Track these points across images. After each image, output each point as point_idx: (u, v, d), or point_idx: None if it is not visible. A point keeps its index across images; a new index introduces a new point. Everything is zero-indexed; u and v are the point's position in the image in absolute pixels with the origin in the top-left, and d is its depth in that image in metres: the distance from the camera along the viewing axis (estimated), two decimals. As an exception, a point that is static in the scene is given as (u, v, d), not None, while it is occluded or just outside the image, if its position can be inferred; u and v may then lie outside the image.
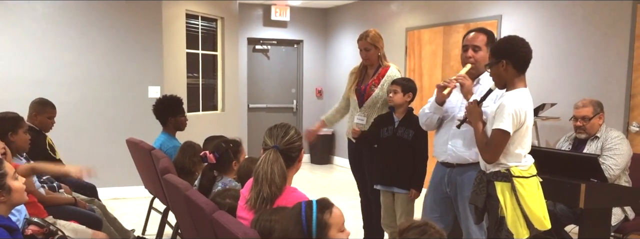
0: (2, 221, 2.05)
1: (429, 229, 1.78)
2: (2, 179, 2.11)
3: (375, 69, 4.08)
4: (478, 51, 3.16)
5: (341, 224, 1.87)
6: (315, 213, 1.83)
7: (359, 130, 3.86)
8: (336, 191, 6.65)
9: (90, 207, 3.76)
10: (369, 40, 3.98)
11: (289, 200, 2.09)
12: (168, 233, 4.20)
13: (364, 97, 4.05)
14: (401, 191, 3.72)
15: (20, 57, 5.62)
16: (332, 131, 8.83)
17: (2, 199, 2.10)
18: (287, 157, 2.23)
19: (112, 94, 5.98)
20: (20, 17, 5.58)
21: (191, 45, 6.86)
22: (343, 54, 8.56)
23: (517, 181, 2.65)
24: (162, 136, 4.36)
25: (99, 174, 3.30)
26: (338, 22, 8.73)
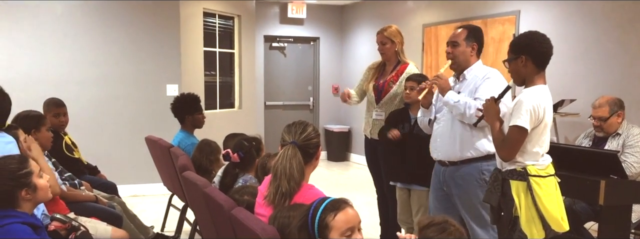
0: (27, 219, 2.09)
1: (448, 227, 1.77)
2: (28, 177, 2.15)
3: (393, 65, 4.08)
4: (456, 47, 3.19)
5: (346, 230, 1.82)
6: (319, 213, 1.83)
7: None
8: (353, 188, 6.66)
9: (111, 204, 3.81)
10: (385, 34, 4.00)
11: (307, 197, 2.10)
12: (187, 230, 4.24)
13: (382, 93, 4.06)
14: (418, 188, 3.72)
15: (41, 56, 5.70)
16: (348, 128, 8.83)
17: (28, 197, 2.14)
18: (305, 154, 2.24)
19: (131, 93, 6.05)
20: (40, 18, 5.65)
21: (208, 44, 6.90)
22: (359, 51, 8.55)
23: (533, 180, 2.61)
24: (181, 134, 4.40)
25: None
26: (354, 19, 8.72)
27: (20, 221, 2.05)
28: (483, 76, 3.13)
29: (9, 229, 2.01)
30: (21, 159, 2.21)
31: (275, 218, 1.99)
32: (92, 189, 4.00)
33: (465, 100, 3.07)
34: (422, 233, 1.77)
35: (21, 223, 2.05)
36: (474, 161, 3.13)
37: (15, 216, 2.07)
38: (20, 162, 2.17)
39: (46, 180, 2.26)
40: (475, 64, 3.21)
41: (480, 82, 3.11)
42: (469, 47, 3.16)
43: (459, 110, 3.07)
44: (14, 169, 2.13)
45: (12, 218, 2.05)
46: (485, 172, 3.10)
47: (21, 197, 2.14)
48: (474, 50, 3.19)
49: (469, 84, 3.16)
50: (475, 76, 3.16)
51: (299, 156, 2.20)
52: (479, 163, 3.12)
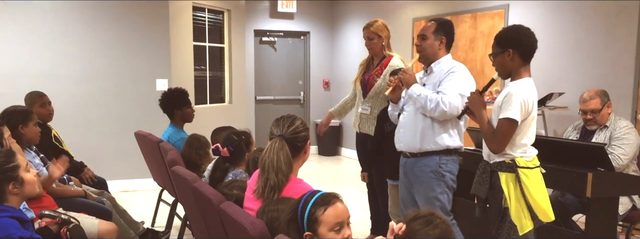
0: (15, 213, 2.09)
1: (434, 219, 1.78)
2: (15, 171, 2.14)
3: (379, 59, 4.10)
4: (425, 39, 3.21)
5: (335, 224, 1.82)
6: (310, 206, 1.83)
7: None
8: (344, 182, 6.67)
9: (100, 199, 3.80)
10: (372, 29, 4.02)
11: (295, 191, 2.10)
12: (177, 225, 4.24)
13: (367, 87, 4.08)
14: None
15: (27, 52, 5.64)
16: (339, 123, 8.84)
17: (15, 190, 2.14)
18: (293, 147, 2.25)
19: (120, 88, 6.01)
20: (27, 13, 5.60)
21: (198, 38, 6.87)
22: (350, 46, 8.55)
23: (522, 172, 2.65)
24: (170, 129, 4.39)
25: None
26: (345, 13, 8.71)
27: (8, 215, 2.05)
28: (448, 70, 3.16)
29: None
30: (8, 153, 2.21)
31: (263, 211, 1.99)
32: (81, 184, 3.99)
33: (427, 93, 3.11)
34: (408, 226, 1.78)
35: (9, 217, 2.04)
36: (432, 154, 3.17)
37: (3, 210, 2.07)
38: (7, 156, 2.17)
39: (33, 174, 2.25)
40: (443, 57, 3.23)
41: (444, 76, 3.14)
42: (437, 40, 3.19)
43: (420, 103, 3.12)
44: (1, 162, 2.13)
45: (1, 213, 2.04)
46: (442, 165, 3.16)
47: (8, 191, 2.14)
48: (442, 44, 3.21)
49: (434, 77, 3.20)
50: (441, 69, 3.19)
51: (287, 149, 2.21)
52: (438, 156, 3.17)
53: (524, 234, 2.64)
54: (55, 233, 2.53)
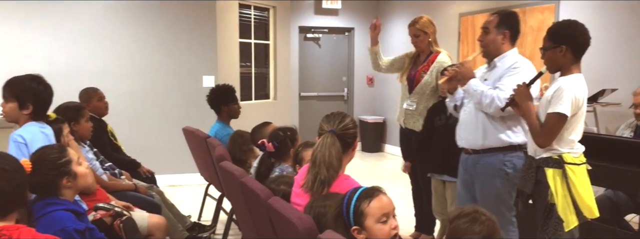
0: (70, 206, 2.16)
1: (479, 217, 1.76)
2: (68, 165, 2.21)
3: (426, 55, 4.07)
4: (487, 34, 3.11)
5: (381, 216, 1.85)
6: (354, 200, 1.85)
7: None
8: (387, 179, 6.64)
9: (150, 193, 3.89)
10: (418, 26, 3.98)
11: (342, 187, 2.11)
12: (223, 220, 4.30)
13: (413, 83, 4.05)
14: (452, 179, 3.70)
15: (80, 50, 5.82)
16: (383, 119, 8.80)
17: (69, 184, 2.20)
18: (343, 143, 2.27)
19: (169, 84, 6.14)
20: (82, 10, 5.78)
21: (244, 35, 6.95)
22: (395, 41, 8.48)
23: (569, 168, 2.61)
24: (217, 125, 4.45)
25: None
26: (390, 8, 8.65)
27: (63, 208, 2.12)
28: (510, 65, 3.05)
29: (53, 217, 2.08)
30: (61, 148, 2.27)
31: (311, 207, 2.01)
32: (131, 178, 4.10)
33: (483, 88, 3.03)
34: (452, 224, 1.77)
35: (64, 210, 2.11)
36: (495, 151, 3.09)
37: (59, 203, 2.14)
38: (60, 151, 2.23)
39: (85, 167, 2.32)
40: (508, 52, 3.12)
41: (505, 72, 3.05)
42: (499, 34, 3.08)
43: (476, 98, 3.05)
44: (55, 158, 2.19)
45: (55, 206, 2.12)
46: (506, 163, 3.07)
47: (63, 185, 2.20)
48: (505, 38, 3.09)
49: (496, 72, 3.10)
50: (504, 64, 3.10)
51: (338, 145, 2.23)
52: (501, 153, 3.09)
53: (569, 231, 2.60)
54: (109, 225, 2.61)
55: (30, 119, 2.71)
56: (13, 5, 5.55)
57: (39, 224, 1.98)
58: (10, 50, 5.60)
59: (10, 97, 2.69)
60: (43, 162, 2.14)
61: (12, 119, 2.75)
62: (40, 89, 2.71)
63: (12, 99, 2.69)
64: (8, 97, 2.70)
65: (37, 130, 2.66)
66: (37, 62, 5.63)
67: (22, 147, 2.54)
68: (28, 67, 5.56)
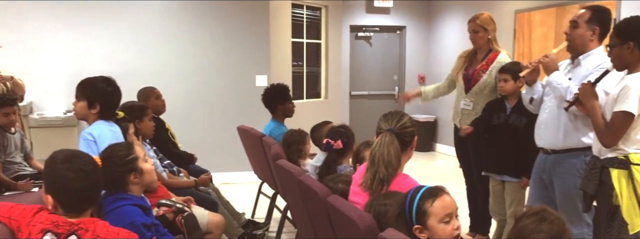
0: (137, 201, 2.24)
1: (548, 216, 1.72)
2: (135, 162, 2.29)
3: (484, 53, 3.99)
4: (576, 28, 2.97)
5: (444, 216, 1.85)
6: (417, 199, 1.85)
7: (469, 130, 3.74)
8: (439, 179, 6.58)
9: (206, 191, 3.98)
10: (478, 22, 3.90)
11: (402, 186, 2.11)
12: (276, 217, 4.35)
13: (471, 82, 3.98)
14: (512, 180, 3.63)
15: (138, 50, 5.99)
16: (434, 118, 8.70)
17: (135, 180, 2.29)
18: (401, 142, 2.27)
19: (222, 84, 6.25)
20: (141, 11, 5.95)
21: (296, 34, 7.00)
22: (447, 39, 8.38)
23: (635, 169, 2.52)
24: (272, 123, 4.50)
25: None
26: (442, 6, 8.54)
27: (131, 203, 2.19)
28: (599, 64, 2.91)
29: (122, 211, 2.16)
30: (128, 145, 2.36)
31: (371, 205, 2.02)
32: (189, 176, 4.19)
33: (568, 84, 2.90)
34: (519, 223, 1.74)
35: (132, 205, 2.19)
36: (577, 151, 3.00)
37: (127, 198, 2.22)
38: (127, 149, 2.32)
39: (151, 164, 2.40)
40: (595, 50, 2.98)
41: (592, 71, 2.91)
42: (589, 30, 2.94)
43: (559, 92, 2.93)
44: (123, 155, 2.28)
45: (124, 201, 2.20)
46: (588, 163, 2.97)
47: (130, 181, 2.29)
48: (594, 35, 2.95)
49: (581, 71, 2.98)
50: (591, 63, 2.96)
51: (396, 143, 2.23)
52: (582, 154, 2.99)
53: (634, 233, 2.52)
54: (171, 221, 2.69)
55: (98, 118, 2.82)
56: (75, 9, 5.76)
57: (109, 219, 2.06)
58: (73, 52, 5.82)
59: (81, 96, 2.82)
60: (112, 159, 2.23)
61: (81, 117, 2.87)
62: (108, 91, 2.83)
63: (82, 99, 2.81)
64: (79, 97, 2.83)
65: (106, 128, 2.77)
66: (98, 62, 5.83)
67: (91, 145, 2.65)
68: (89, 67, 5.78)
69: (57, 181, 1.89)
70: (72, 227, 1.83)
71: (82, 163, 1.91)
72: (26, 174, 4.13)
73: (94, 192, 1.95)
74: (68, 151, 1.97)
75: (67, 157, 1.92)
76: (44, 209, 1.89)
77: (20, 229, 1.85)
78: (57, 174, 1.88)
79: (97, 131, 2.72)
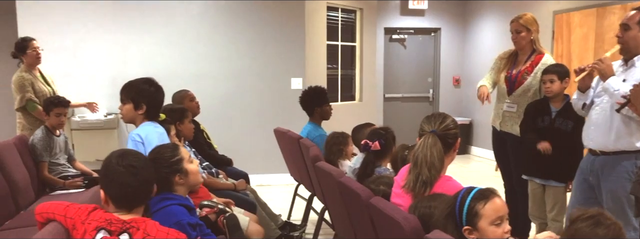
0: (183, 201, 2.28)
1: (604, 221, 1.68)
2: (180, 163, 2.34)
3: (527, 55, 3.92)
4: (627, 30, 2.93)
5: (496, 218, 1.84)
6: (469, 200, 1.84)
7: None
8: (475, 182, 6.50)
9: (244, 192, 4.02)
10: (521, 22, 3.84)
11: (445, 188, 2.10)
12: (313, 219, 4.36)
13: (514, 84, 3.91)
14: (555, 184, 3.57)
15: (178, 52, 6.09)
16: (469, 120, 8.62)
17: (181, 181, 2.34)
18: (444, 144, 2.26)
19: (258, 86, 6.30)
20: (178, 15, 6.05)
21: (331, 37, 7.02)
22: (483, 41, 8.29)
23: None
24: (309, 126, 4.52)
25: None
26: (479, 8, 8.46)
27: (177, 203, 2.24)
28: None
29: (168, 211, 2.20)
30: (173, 147, 2.41)
31: (415, 207, 2.01)
32: (228, 177, 4.24)
33: (625, 89, 2.84)
34: (572, 226, 1.71)
35: (178, 205, 2.23)
36: (629, 154, 2.94)
37: (173, 198, 2.27)
38: (172, 150, 2.37)
39: (196, 165, 2.44)
40: None
41: None
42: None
43: (615, 99, 2.89)
44: (168, 157, 2.33)
45: (170, 200, 2.25)
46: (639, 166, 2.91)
47: (175, 182, 2.34)
48: None
49: (636, 73, 2.93)
50: None
51: (439, 145, 2.22)
52: (633, 156, 2.93)
53: None
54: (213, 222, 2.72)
55: (145, 119, 2.88)
56: (114, 13, 5.88)
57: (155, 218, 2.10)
58: (113, 56, 5.94)
59: (126, 99, 2.88)
60: (158, 161, 2.28)
61: (129, 120, 2.93)
62: (151, 91, 2.88)
63: (128, 101, 2.87)
64: (124, 100, 2.89)
65: (152, 129, 2.82)
66: (137, 66, 5.95)
67: (139, 146, 2.71)
68: (128, 71, 5.91)
69: (108, 175, 1.96)
70: (124, 225, 1.88)
71: (133, 160, 1.97)
72: (70, 174, 4.25)
73: (143, 189, 1.99)
74: (124, 149, 2.06)
75: (121, 153, 2.00)
76: (99, 208, 1.95)
77: (75, 227, 1.90)
78: (109, 168, 1.96)
79: (144, 132, 2.78)
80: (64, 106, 4.25)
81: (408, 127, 7.57)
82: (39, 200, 3.91)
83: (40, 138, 4.10)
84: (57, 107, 4.18)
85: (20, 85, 4.66)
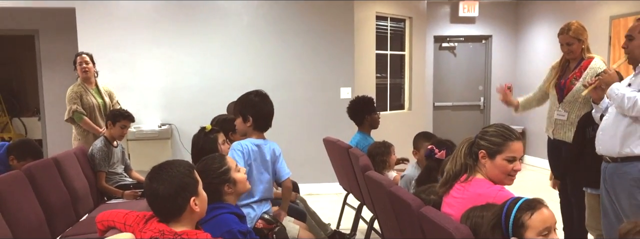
0: (233, 209, 2.33)
1: None
2: (227, 173, 2.39)
3: (577, 62, 3.85)
4: (632, 40, 3.00)
5: (543, 229, 1.81)
6: (515, 211, 1.82)
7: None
8: (529, 191, 6.33)
9: (295, 201, 4.05)
10: (571, 34, 3.76)
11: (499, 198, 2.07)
12: (362, 228, 4.35)
13: (564, 91, 3.85)
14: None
15: (229, 63, 6.21)
16: (522, 129, 8.43)
17: (229, 190, 2.38)
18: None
19: (308, 96, 6.35)
20: (229, 27, 6.18)
21: (380, 46, 7.02)
22: (535, 48, 8.12)
23: None
24: (358, 135, 4.53)
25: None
26: (531, 14, 8.30)
27: (228, 212, 2.28)
28: None
29: (220, 219, 2.25)
30: (220, 158, 2.46)
31: (467, 217, 2.00)
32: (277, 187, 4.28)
33: (624, 91, 2.90)
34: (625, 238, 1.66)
35: (229, 213, 2.27)
36: (634, 160, 2.92)
37: (224, 207, 2.31)
38: (220, 161, 2.42)
39: (243, 173, 2.48)
40: None
41: None
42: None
43: (618, 101, 2.92)
44: (216, 167, 2.38)
45: (221, 209, 2.29)
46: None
47: (224, 191, 2.38)
48: None
49: None
50: None
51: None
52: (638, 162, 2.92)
53: None
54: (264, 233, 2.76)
55: (255, 130, 3.05)
56: (167, 26, 6.07)
57: (206, 227, 2.15)
58: (166, 68, 6.12)
59: (237, 113, 2.99)
60: (206, 172, 2.33)
61: (242, 133, 3.07)
62: (255, 101, 2.99)
63: (237, 115, 2.97)
64: (236, 114, 3.03)
65: (249, 143, 3.02)
66: (190, 77, 6.11)
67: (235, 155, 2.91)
68: (181, 82, 6.08)
69: (145, 187, 1.97)
70: (175, 236, 1.89)
71: (169, 169, 1.94)
72: (127, 183, 4.39)
73: (177, 198, 1.91)
74: (169, 160, 2.03)
75: (161, 164, 1.99)
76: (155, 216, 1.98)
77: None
78: (147, 179, 1.96)
79: (238, 145, 2.98)
80: (131, 120, 4.46)
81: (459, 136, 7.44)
82: (98, 208, 4.05)
83: (99, 149, 4.26)
84: (125, 120, 4.39)
85: (69, 97, 4.94)
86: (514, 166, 2.27)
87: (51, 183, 3.50)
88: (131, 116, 4.47)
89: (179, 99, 6.12)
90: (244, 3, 6.16)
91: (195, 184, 1.97)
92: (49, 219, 3.31)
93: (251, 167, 3.04)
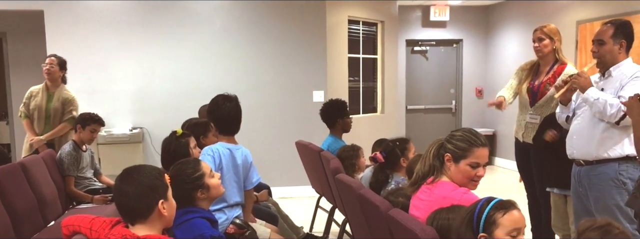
0: (205, 214, 2.33)
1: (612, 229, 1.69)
2: (201, 179, 2.38)
3: (549, 65, 3.90)
4: (602, 45, 3.05)
5: (513, 229, 1.84)
6: (488, 208, 1.86)
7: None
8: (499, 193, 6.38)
9: (266, 204, 4.05)
10: (545, 30, 3.84)
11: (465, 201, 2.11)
12: (334, 231, 4.38)
13: (537, 96, 3.89)
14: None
15: (201, 66, 6.18)
16: (493, 131, 8.56)
17: (203, 196, 2.38)
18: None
19: (280, 99, 6.35)
20: (201, 30, 6.15)
21: (352, 50, 7.06)
22: (505, 52, 8.26)
23: None
24: (330, 138, 4.55)
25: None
26: (500, 19, 8.44)
27: (200, 216, 2.28)
28: (632, 74, 2.96)
29: (191, 224, 2.24)
30: (195, 163, 2.44)
31: (433, 218, 2.03)
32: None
33: (606, 98, 2.94)
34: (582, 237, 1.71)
35: (201, 218, 2.27)
36: (610, 162, 2.99)
37: (196, 211, 2.31)
38: (194, 167, 2.40)
39: (217, 178, 2.48)
40: (624, 61, 3.06)
41: (627, 81, 2.96)
42: (616, 44, 3.03)
43: (598, 108, 2.96)
44: (190, 173, 2.37)
45: (193, 213, 2.29)
46: (622, 173, 2.96)
47: (197, 197, 2.37)
48: (622, 48, 3.04)
49: (614, 82, 3.02)
50: (623, 73, 3.01)
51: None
52: (616, 163, 2.98)
53: None
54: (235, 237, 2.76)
55: (220, 134, 3.12)
56: (138, 30, 6.01)
57: (178, 231, 2.14)
58: (137, 71, 6.06)
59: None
60: (180, 177, 2.32)
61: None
62: (215, 104, 2.99)
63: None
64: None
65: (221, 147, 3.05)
66: (161, 81, 6.07)
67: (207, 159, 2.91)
68: (153, 86, 6.02)
69: (114, 188, 1.95)
70: None
71: (140, 170, 1.92)
72: (96, 188, 4.35)
73: (142, 201, 1.87)
74: (140, 165, 2.00)
75: (133, 166, 1.96)
76: (121, 222, 1.95)
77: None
78: (117, 180, 1.94)
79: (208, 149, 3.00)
80: (101, 124, 4.43)
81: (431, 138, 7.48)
82: (66, 213, 4.00)
83: (68, 153, 4.21)
84: (95, 124, 4.35)
85: (25, 96, 4.93)
86: (477, 171, 2.30)
87: (17, 188, 3.44)
88: (101, 119, 4.42)
89: (151, 102, 6.07)
90: (216, 5, 6.14)
91: (165, 188, 1.94)
92: (15, 225, 3.25)
93: (222, 171, 3.03)
